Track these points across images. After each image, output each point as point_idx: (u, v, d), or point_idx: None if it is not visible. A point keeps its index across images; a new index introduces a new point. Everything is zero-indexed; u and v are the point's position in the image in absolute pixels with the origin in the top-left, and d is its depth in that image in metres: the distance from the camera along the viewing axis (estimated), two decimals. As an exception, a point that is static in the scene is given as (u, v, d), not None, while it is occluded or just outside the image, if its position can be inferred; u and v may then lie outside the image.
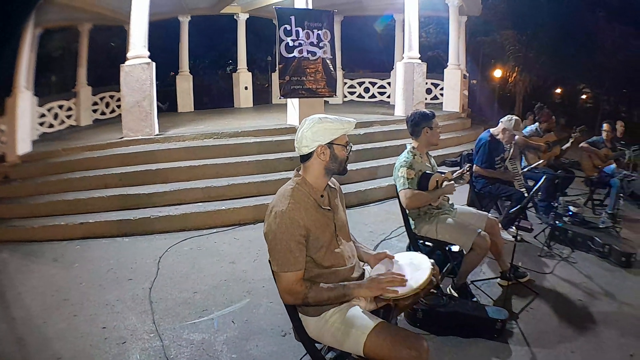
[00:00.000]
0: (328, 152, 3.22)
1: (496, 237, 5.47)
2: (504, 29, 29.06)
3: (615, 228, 8.24)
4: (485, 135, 7.38)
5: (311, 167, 3.27)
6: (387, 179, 9.64)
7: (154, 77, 9.98)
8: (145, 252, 6.74)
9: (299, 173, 3.33)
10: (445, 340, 4.69)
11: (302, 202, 3.15)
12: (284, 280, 3.04)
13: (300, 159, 3.33)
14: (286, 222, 3.02)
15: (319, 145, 3.19)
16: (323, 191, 3.33)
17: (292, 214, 3.05)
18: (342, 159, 3.29)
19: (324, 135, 3.19)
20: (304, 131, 3.21)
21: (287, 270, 3.02)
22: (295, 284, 3.03)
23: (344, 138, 3.29)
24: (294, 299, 3.08)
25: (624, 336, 5.06)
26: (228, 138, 10.14)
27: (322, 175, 3.29)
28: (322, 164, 3.24)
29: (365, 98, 20.74)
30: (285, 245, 3.01)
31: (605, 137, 10.01)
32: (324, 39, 10.66)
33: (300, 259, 3.05)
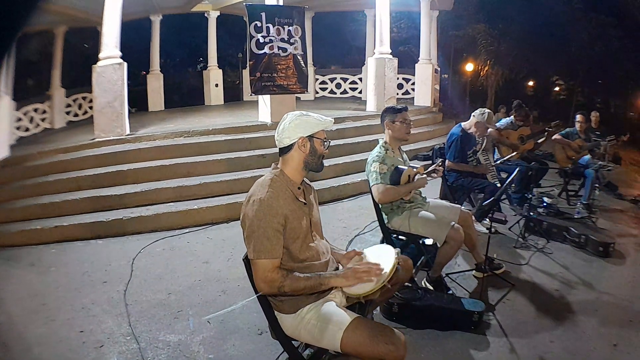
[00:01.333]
0: (308, 144, 3.31)
1: (470, 229, 5.52)
2: (476, 22, 29.29)
3: (591, 218, 8.38)
4: (456, 130, 7.43)
5: (290, 160, 3.34)
6: (360, 175, 9.66)
7: (126, 77, 9.95)
8: (118, 254, 6.69)
9: (277, 166, 3.40)
10: (422, 333, 4.71)
11: (280, 192, 3.20)
12: (260, 268, 3.05)
13: (279, 153, 3.39)
14: (264, 209, 3.06)
15: (300, 137, 3.28)
16: (300, 185, 3.39)
17: (270, 201, 3.09)
18: (320, 154, 3.38)
19: (306, 128, 3.29)
20: (286, 123, 3.31)
21: (263, 257, 3.03)
22: (272, 272, 3.04)
23: (322, 133, 3.40)
24: (269, 288, 3.07)
25: (605, 325, 5.12)
26: (199, 136, 10.10)
27: (300, 169, 3.36)
28: (302, 156, 3.32)
29: (337, 94, 20.76)
30: (262, 232, 3.03)
31: (579, 129, 10.11)
32: (294, 35, 10.67)
33: (277, 247, 3.08)
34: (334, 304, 3.25)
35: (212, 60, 19.48)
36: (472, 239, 5.59)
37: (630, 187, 12.29)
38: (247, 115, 12.73)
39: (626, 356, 4.61)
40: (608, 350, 4.70)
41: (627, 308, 5.58)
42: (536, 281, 6.08)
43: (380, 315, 4.91)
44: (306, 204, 3.38)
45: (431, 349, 4.49)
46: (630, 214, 9.54)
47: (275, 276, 3.03)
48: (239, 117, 12.89)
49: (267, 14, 10.26)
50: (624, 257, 7.13)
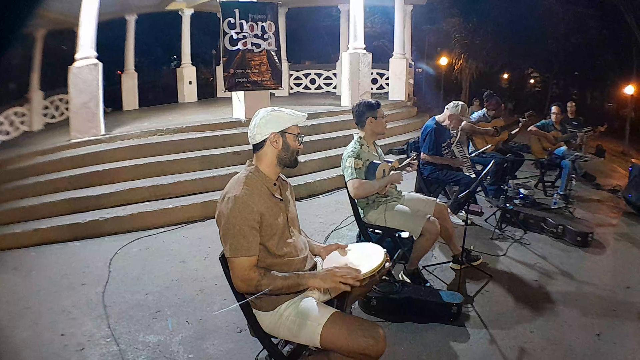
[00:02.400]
0: (281, 140, 3.29)
1: (445, 221, 5.56)
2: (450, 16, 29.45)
3: (568, 208, 8.46)
4: (430, 123, 7.47)
5: (264, 156, 3.32)
6: (335, 170, 9.73)
7: (101, 77, 9.89)
8: (96, 256, 6.64)
9: (252, 163, 3.38)
10: (401, 326, 4.74)
11: (256, 189, 3.18)
12: (237, 266, 3.04)
13: (252, 149, 3.38)
14: (239, 206, 3.04)
15: (272, 133, 3.26)
16: (276, 181, 3.39)
17: (245, 198, 3.07)
18: (294, 149, 3.36)
19: (277, 123, 3.28)
20: (258, 119, 3.29)
21: (240, 255, 3.02)
22: (249, 270, 3.02)
23: (295, 129, 3.38)
24: (247, 286, 3.06)
25: (586, 315, 5.18)
26: (172, 134, 10.03)
27: (275, 165, 3.34)
28: (275, 152, 3.30)
29: (311, 89, 20.79)
30: (238, 229, 3.02)
31: (555, 120, 10.19)
32: (268, 31, 10.65)
33: (254, 245, 3.06)
34: (312, 299, 3.25)
35: (186, 57, 19.38)
36: (448, 231, 5.63)
37: (609, 177, 12.42)
38: (221, 112, 12.69)
39: (611, 345, 4.65)
40: (591, 339, 4.73)
41: (609, 297, 5.63)
42: (514, 272, 6.13)
43: (359, 310, 4.94)
44: (282, 200, 3.38)
45: (410, 341, 4.51)
46: (608, 204, 9.64)
47: (252, 275, 3.02)
48: (213, 114, 12.84)
49: (241, 10, 10.24)
50: (603, 247, 7.20)
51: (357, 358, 2.96)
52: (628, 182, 9.84)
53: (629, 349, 4.62)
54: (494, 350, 4.47)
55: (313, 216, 8.01)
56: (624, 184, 10.52)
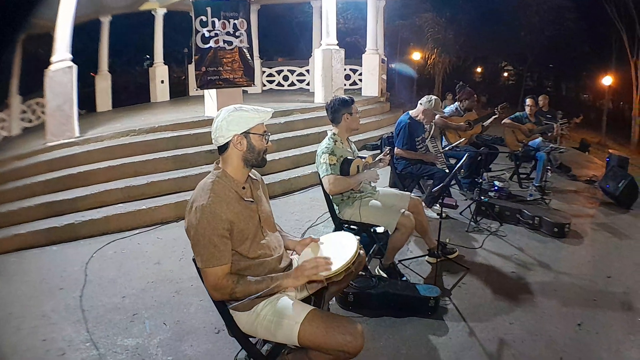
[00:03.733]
0: (245, 141, 3.21)
1: (420, 215, 5.61)
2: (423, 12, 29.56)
3: (544, 200, 8.56)
4: (404, 118, 7.53)
5: (229, 159, 3.26)
6: (310, 167, 9.72)
7: (76, 80, 9.83)
8: (72, 259, 6.58)
9: (219, 166, 3.31)
10: (379, 321, 4.77)
11: (223, 195, 3.13)
12: (210, 276, 3.03)
13: (218, 151, 3.31)
14: (207, 216, 3.00)
15: (234, 135, 3.18)
16: (245, 183, 3.34)
17: (213, 207, 3.03)
18: (260, 149, 3.30)
19: (240, 125, 3.19)
20: (219, 121, 3.21)
21: (212, 265, 3.00)
22: (222, 279, 3.02)
23: (261, 127, 3.30)
24: (221, 295, 3.07)
25: (566, 306, 5.25)
26: (145, 134, 9.93)
27: (241, 167, 3.29)
28: (240, 155, 3.24)
29: (284, 86, 20.75)
30: (208, 240, 2.99)
31: (529, 112, 10.31)
32: (240, 28, 10.61)
33: (226, 253, 3.05)
34: (289, 298, 3.25)
35: (159, 57, 19.28)
36: (423, 225, 5.69)
37: (585, 168, 12.60)
38: (193, 111, 12.65)
39: (594, 335, 4.71)
40: (573, 330, 4.79)
41: (589, 287, 5.71)
42: (491, 264, 6.20)
43: (336, 306, 4.95)
44: (253, 201, 3.34)
45: (389, 336, 4.54)
46: (585, 195, 9.76)
47: (226, 283, 3.03)
48: (185, 112, 12.77)
49: (213, 8, 10.19)
50: (581, 237, 7.30)
51: (335, 355, 2.97)
52: (605, 172, 9.98)
53: (613, 339, 4.67)
54: (473, 342, 4.51)
55: (288, 214, 8.01)
56: (600, 174, 10.67)
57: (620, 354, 4.46)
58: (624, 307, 5.30)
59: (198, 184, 3.26)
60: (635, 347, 4.55)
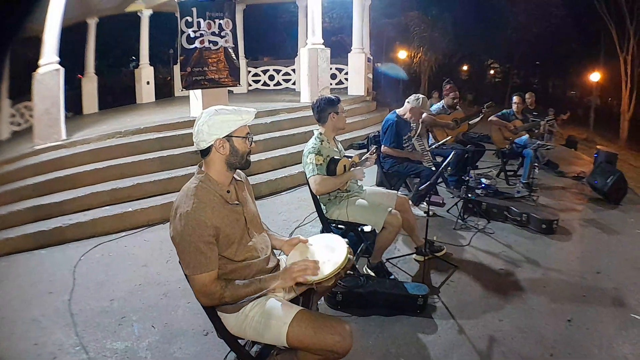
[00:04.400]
0: (227, 145, 3.16)
1: (407, 213, 5.62)
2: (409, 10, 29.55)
3: (531, 197, 8.60)
4: (391, 116, 7.56)
5: (212, 162, 3.21)
6: (297, 167, 9.63)
7: (63, 82, 9.83)
8: (61, 263, 6.56)
9: (202, 169, 3.26)
10: (368, 320, 4.78)
11: (207, 201, 3.09)
12: (198, 283, 3.01)
13: (200, 154, 3.26)
14: (192, 223, 2.97)
15: (217, 139, 3.12)
16: (229, 186, 3.28)
17: (197, 214, 2.99)
18: (244, 152, 3.24)
19: (222, 128, 3.13)
20: (200, 125, 3.16)
21: (199, 272, 2.98)
22: (210, 285, 3.01)
23: (244, 130, 3.23)
24: (210, 301, 3.06)
25: (556, 301, 5.28)
26: (131, 136, 9.88)
27: (225, 170, 3.23)
28: (223, 159, 3.19)
29: (270, 86, 20.76)
30: (194, 247, 2.96)
31: (516, 110, 10.38)
32: (225, 28, 10.58)
33: (212, 259, 3.02)
34: (277, 298, 3.24)
35: (144, 58, 19.27)
36: (410, 223, 5.69)
37: (573, 164, 12.64)
38: (179, 111, 12.61)
39: (584, 331, 4.73)
40: (563, 326, 4.82)
41: (578, 283, 5.75)
42: (479, 261, 6.23)
43: (325, 305, 4.97)
44: (239, 203, 3.31)
45: (378, 335, 4.55)
46: (573, 191, 9.83)
47: (214, 289, 3.01)
48: (170, 113, 12.74)
49: (198, 8, 10.17)
50: (570, 233, 7.35)
51: (324, 355, 2.98)
52: (593, 168, 10.06)
53: (605, 335, 4.69)
54: (463, 340, 4.52)
55: (276, 214, 8.01)
56: (588, 170, 10.73)
57: (613, 349, 4.47)
58: (614, 303, 5.34)
59: (182, 187, 3.22)
60: (628, 343, 4.57)
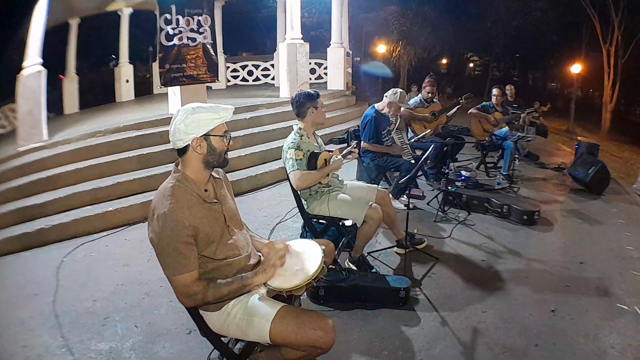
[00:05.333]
0: (204, 144, 3.13)
1: (388, 207, 5.67)
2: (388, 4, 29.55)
3: (512, 188, 8.69)
4: (370, 112, 7.59)
5: (189, 161, 3.17)
6: (277, 162, 9.73)
7: (45, 84, 9.86)
8: (44, 265, 6.53)
9: (178, 168, 3.22)
10: (351, 314, 4.81)
11: (184, 201, 3.06)
12: (179, 284, 2.99)
13: (177, 153, 3.21)
14: (170, 224, 2.94)
15: (194, 138, 3.09)
16: (206, 184, 3.27)
17: (175, 215, 2.96)
18: (221, 150, 3.22)
19: (199, 127, 3.09)
20: (177, 124, 3.11)
21: (180, 273, 2.96)
22: (192, 286, 2.99)
23: (221, 128, 3.20)
24: (193, 302, 3.06)
25: (539, 292, 5.34)
26: (110, 134, 9.82)
27: (202, 169, 3.21)
28: (200, 158, 3.16)
29: (249, 81, 20.76)
30: (173, 248, 2.94)
31: (495, 102, 10.44)
32: (204, 25, 10.54)
33: (192, 259, 3.01)
34: (258, 295, 3.24)
35: (124, 56, 19.17)
36: (390, 216, 5.73)
37: (554, 156, 12.75)
38: (158, 109, 12.54)
39: (569, 321, 4.79)
40: (546, 315, 4.88)
41: (561, 273, 5.82)
42: (461, 253, 6.27)
43: (307, 300, 4.99)
44: (217, 202, 3.28)
45: (361, 328, 4.58)
46: (554, 182, 9.93)
47: (196, 289, 3.00)
48: (149, 111, 12.67)
49: (177, 6, 10.13)
50: (551, 224, 7.43)
51: (308, 351, 3.00)
52: (574, 159, 10.16)
53: (590, 324, 4.75)
54: (446, 332, 4.57)
55: (256, 210, 8.01)
56: (569, 162, 10.85)
57: (599, 339, 4.53)
58: (599, 293, 5.40)
59: (159, 187, 3.18)
60: (615, 333, 4.63)
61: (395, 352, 4.27)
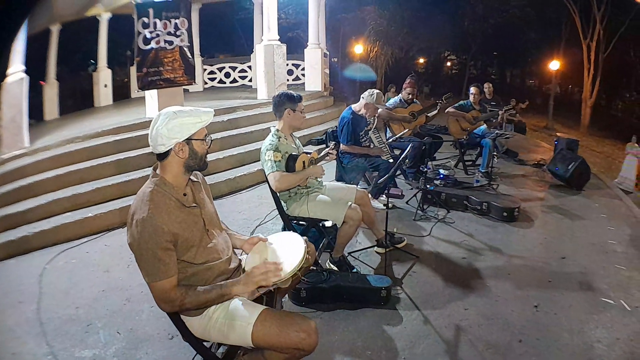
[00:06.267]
0: (187, 148, 3.09)
1: (367, 207, 5.68)
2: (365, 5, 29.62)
3: (491, 185, 8.74)
4: (347, 113, 7.59)
5: (169, 166, 3.13)
6: (256, 164, 9.72)
7: (27, 90, 9.81)
8: (28, 272, 6.48)
9: (157, 173, 3.18)
10: (333, 315, 4.82)
11: (163, 206, 3.03)
12: (158, 290, 2.96)
13: (156, 157, 3.17)
14: (149, 229, 2.91)
15: (176, 143, 3.05)
16: (185, 188, 3.23)
17: (154, 220, 2.93)
18: (202, 154, 3.21)
19: (181, 132, 3.05)
20: (158, 128, 3.05)
21: (159, 279, 2.93)
22: (170, 292, 2.97)
23: (202, 131, 3.19)
24: (171, 307, 3.03)
25: (521, 288, 5.37)
26: (89, 140, 9.76)
27: (182, 173, 3.17)
28: (181, 162, 3.13)
29: (226, 83, 20.61)
30: (152, 254, 2.91)
31: (473, 100, 10.47)
32: (181, 27, 10.50)
33: (171, 265, 2.97)
34: (240, 299, 3.21)
35: (102, 61, 18.98)
36: (370, 216, 5.75)
37: (533, 152, 12.86)
38: (135, 113, 12.43)
39: (552, 316, 4.84)
40: (529, 311, 4.92)
41: (543, 269, 5.87)
42: (441, 251, 6.30)
43: (289, 303, 5.00)
44: (196, 205, 3.25)
45: (344, 329, 4.59)
46: (533, 178, 10.04)
47: (175, 295, 2.97)
48: (127, 115, 12.52)
49: (155, 9, 10.10)
50: (532, 220, 7.50)
51: (291, 353, 2.99)
52: (554, 155, 10.23)
53: (575, 319, 4.80)
54: (428, 330, 4.58)
55: (236, 213, 8.00)
56: (548, 158, 10.93)
57: (584, 334, 4.56)
58: (582, 287, 5.45)
59: (137, 192, 3.15)
60: (601, 327, 4.67)
61: (378, 351, 4.28)
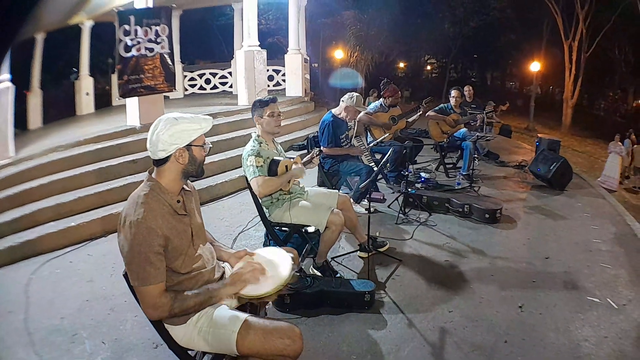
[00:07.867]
0: (186, 154, 3.11)
1: (349, 211, 5.69)
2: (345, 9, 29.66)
3: (473, 187, 8.82)
4: (327, 117, 7.60)
5: (167, 171, 3.13)
6: (237, 171, 9.73)
7: (13, 100, 9.76)
8: (15, 282, 6.44)
9: (152, 177, 3.16)
10: (317, 320, 4.82)
11: (157, 209, 3.01)
12: (147, 295, 2.93)
13: (154, 163, 3.16)
14: (142, 232, 2.89)
15: (177, 149, 3.07)
16: (178, 195, 3.22)
17: (148, 222, 2.91)
18: (201, 160, 3.24)
19: (182, 138, 3.07)
20: (159, 134, 3.05)
21: (149, 283, 2.90)
22: (160, 297, 2.94)
23: (202, 138, 3.22)
24: (159, 313, 2.98)
25: (505, 289, 5.41)
26: (71, 149, 9.69)
27: (178, 179, 3.18)
28: (180, 168, 3.14)
29: (207, 90, 20.54)
30: (144, 257, 2.89)
31: (454, 103, 10.53)
32: (161, 34, 10.49)
33: (162, 270, 2.96)
34: (224, 307, 3.21)
35: (84, 69, 18.98)
36: (352, 220, 5.76)
37: (513, 154, 12.95)
38: (117, 121, 12.24)
39: (537, 316, 4.88)
40: (514, 312, 4.96)
41: (527, 270, 5.92)
42: (423, 254, 6.32)
43: (273, 309, 4.98)
44: (187, 214, 3.23)
45: (329, 334, 4.60)
46: (515, 179, 10.15)
47: (163, 300, 2.94)
48: (108, 123, 12.38)
49: (136, 17, 10.08)
50: (514, 221, 7.56)
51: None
52: (535, 156, 10.31)
53: (560, 318, 4.84)
54: (413, 333, 4.60)
55: (218, 220, 7.96)
56: (529, 159, 11.04)
57: (571, 333, 4.61)
58: (567, 287, 5.51)
59: (129, 195, 3.11)
60: (588, 326, 4.71)
61: (363, 355, 4.29)
